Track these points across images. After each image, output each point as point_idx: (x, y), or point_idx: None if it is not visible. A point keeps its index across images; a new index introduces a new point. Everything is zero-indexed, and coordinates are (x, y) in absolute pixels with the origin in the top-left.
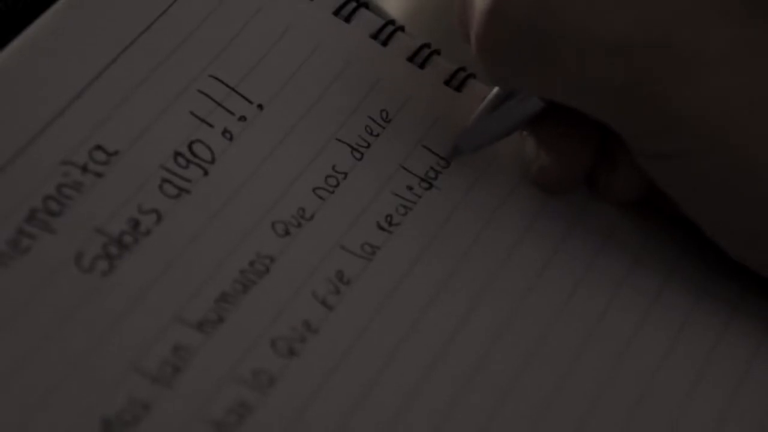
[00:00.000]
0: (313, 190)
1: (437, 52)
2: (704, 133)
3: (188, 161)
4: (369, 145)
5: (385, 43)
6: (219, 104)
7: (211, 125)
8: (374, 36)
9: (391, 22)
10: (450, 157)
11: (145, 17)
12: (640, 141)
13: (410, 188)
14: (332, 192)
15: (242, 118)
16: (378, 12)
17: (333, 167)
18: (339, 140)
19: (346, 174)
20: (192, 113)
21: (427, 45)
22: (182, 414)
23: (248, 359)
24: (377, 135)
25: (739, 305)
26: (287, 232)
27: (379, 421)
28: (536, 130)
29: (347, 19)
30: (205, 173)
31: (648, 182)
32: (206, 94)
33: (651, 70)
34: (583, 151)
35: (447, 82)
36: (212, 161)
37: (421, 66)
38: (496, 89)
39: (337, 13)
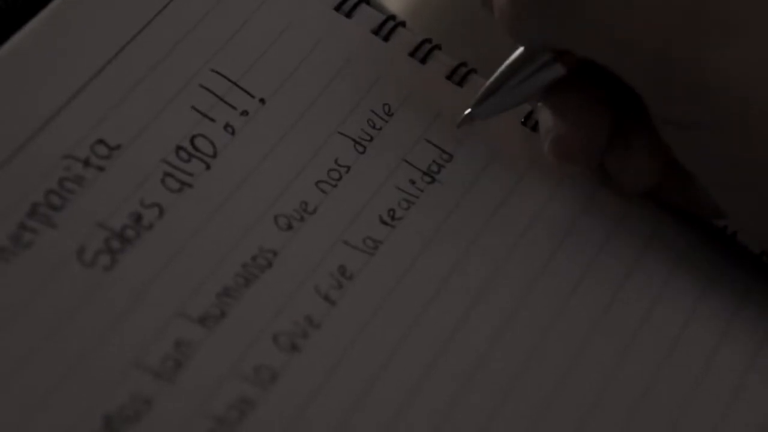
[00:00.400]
0: (316, 183)
1: (438, 47)
2: (727, 103)
3: (190, 155)
4: (372, 139)
5: (386, 39)
6: (221, 99)
7: (212, 119)
8: (376, 31)
9: (392, 17)
10: (463, 124)
11: (148, 11)
12: (663, 107)
13: (413, 182)
14: (335, 186)
15: (244, 113)
16: (379, 8)
17: (336, 161)
18: (341, 134)
19: (348, 167)
20: (194, 107)
21: (428, 40)
22: (184, 410)
23: (250, 354)
24: (380, 129)
25: (746, 298)
26: (290, 226)
27: (380, 418)
28: (552, 99)
29: (348, 15)
30: (207, 167)
31: (661, 166)
32: (208, 89)
33: (684, 33)
34: (598, 122)
35: (448, 77)
36: (214, 155)
37: (423, 61)
38: (513, 55)
39: (338, 8)
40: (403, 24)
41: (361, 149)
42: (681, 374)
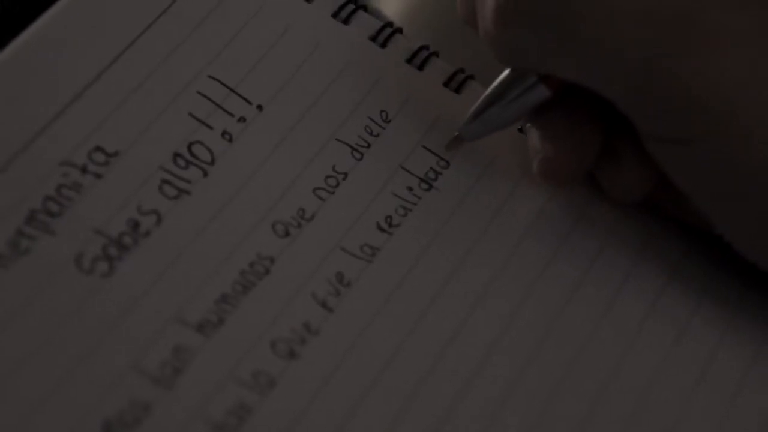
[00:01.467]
0: (313, 190)
1: (436, 54)
2: (714, 115)
3: (188, 162)
4: (369, 146)
5: (383, 45)
6: (218, 105)
7: (210, 127)
8: (373, 38)
9: (389, 24)
10: (451, 146)
11: (145, 18)
12: (650, 123)
13: (410, 189)
14: (332, 192)
15: (242, 119)
16: (376, 14)
17: (333, 167)
18: (339, 140)
19: (346, 174)
20: (191, 114)
21: (425, 47)
22: (182, 415)
23: (248, 361)
24: (377, 135)
25: (741, 306)
26: (287, 233)
27: (378, 424)
28: (540, 120)
29: (346, 21)
30: (205, 174)
31: (652, 179)
32: (205, 96)
33: (668, 45)
34: (587, 143)
35: (446, 84)
36: (212, 162)
37: (420, 68)
38: (500, 78)
39: (335, 15)
40: (400, 31)
41: (358, 156)
42: (677, 382)
